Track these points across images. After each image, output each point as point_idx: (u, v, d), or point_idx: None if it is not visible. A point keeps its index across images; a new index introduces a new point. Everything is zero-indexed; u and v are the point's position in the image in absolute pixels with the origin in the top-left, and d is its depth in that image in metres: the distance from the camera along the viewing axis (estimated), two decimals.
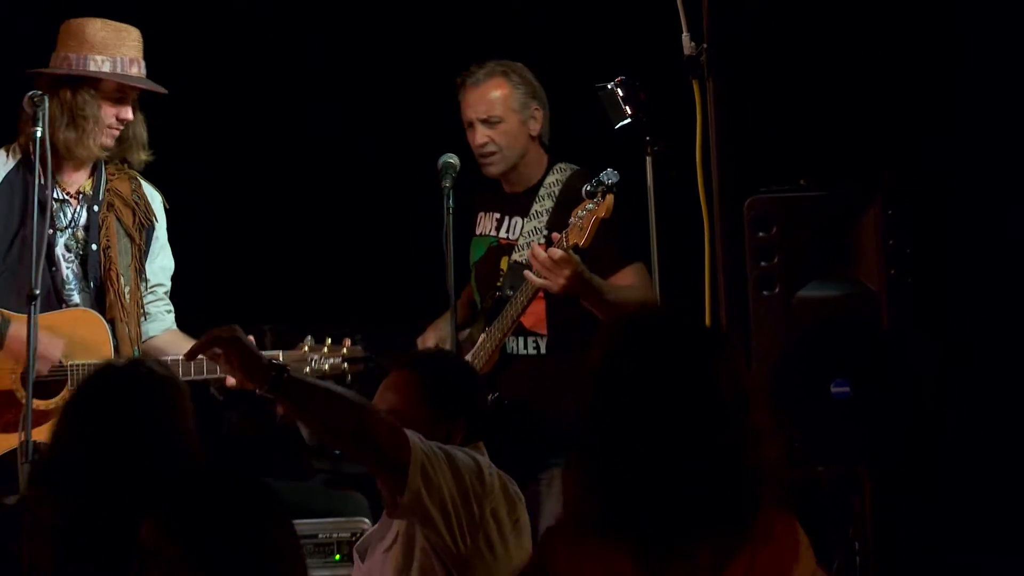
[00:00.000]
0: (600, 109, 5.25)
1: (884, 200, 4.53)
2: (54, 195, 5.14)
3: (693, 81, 4.69)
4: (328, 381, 4.01)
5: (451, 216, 5.31)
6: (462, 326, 5.55)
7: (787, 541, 3.06)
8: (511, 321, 5.38)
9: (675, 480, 2.94)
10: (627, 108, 5.19)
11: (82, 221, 5.17)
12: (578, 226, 5.08)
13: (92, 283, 5.16)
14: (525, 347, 5.47)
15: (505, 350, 5.45)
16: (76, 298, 5.14)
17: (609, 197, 5.02)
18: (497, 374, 5.43)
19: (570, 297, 5.20)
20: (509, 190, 5.61)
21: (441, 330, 5.64)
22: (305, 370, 5.07)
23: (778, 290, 4.57)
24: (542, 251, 5.15)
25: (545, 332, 5.46)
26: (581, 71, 5.64)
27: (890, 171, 4.76)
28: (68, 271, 5.14)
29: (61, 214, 5.16)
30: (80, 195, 5.20)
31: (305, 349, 5.11)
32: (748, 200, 4.61)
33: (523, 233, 5.53)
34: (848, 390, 4.49)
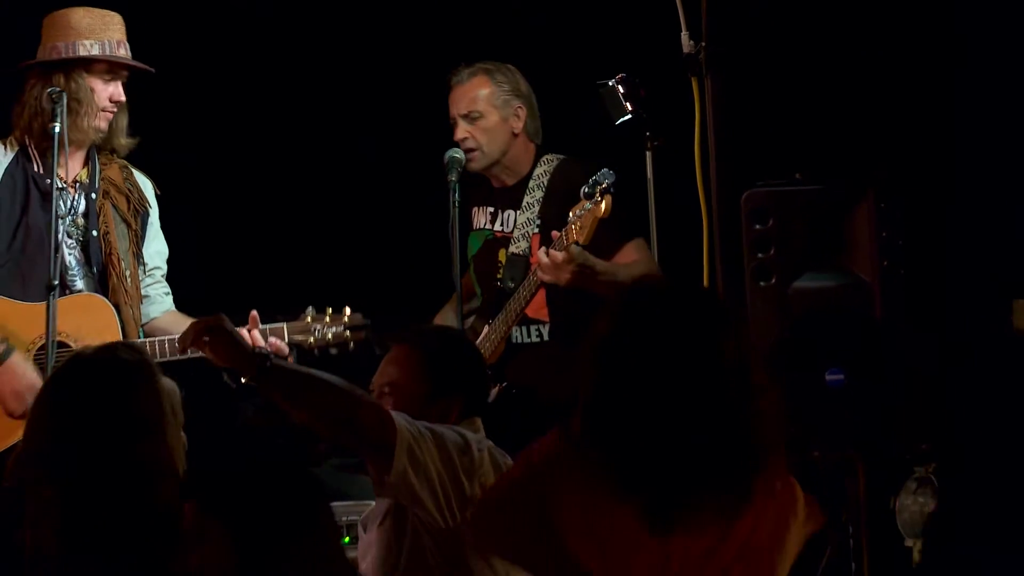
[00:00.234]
0: (601, 106, 5.31)
1: (877, 194, 4.54)
2: (54, 184, 5.15)
3: (692, 78, 4.74)
4: (318, 370, 4.01)
5: (457, 209, 5.36)
6: (464, 317, 5.58)
7: (786, 498, 3.11)
8: (515, 314, 5.43)
9: (680, 442, 2.97)
10: (628, 104, 5.27)
11: (81, 209, 5.18)
12: (577, 225, 5.12)
13: (94, 268, 5.18)
14: (529, 335, 5.54)
15: (509, 340, 5.50)
16: (80, 284, 5.17)
17: (607, 198, 5.06)
18: (503, 364, 5.46)
19: (578, 288, 5.23)
20: (499, 185, 5.66)
21: (444, 321, 5.68)
22: (309, 340, 5.09)
23: (774, 281, 4.58)
24: (545, 256, 5.20)
25: (547, 319, 5.51)
26: (582, 70, 5.69)
27: (883, 166, 4.81)
28: (71, 257, 5.16)
29: (60, 202, 5.16)
30: (77, 183, 5.22)
31: (308, 319, 5.12)
32: (745, 194, 4.62)
33: (517, 225, 5.58)
34: (842, 377, 4.50)
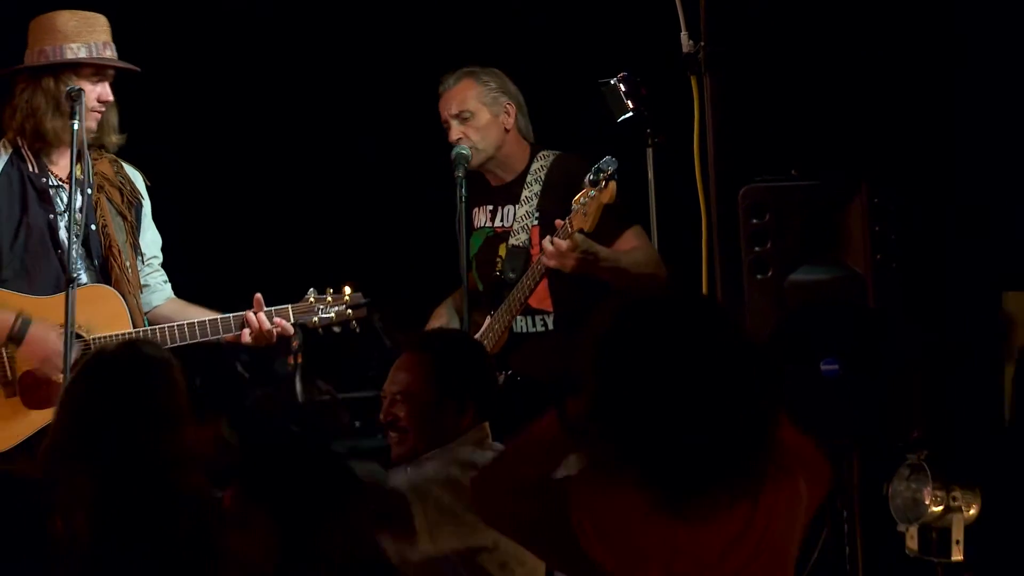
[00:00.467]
0: (603, 104, 5.37)
1: (870, 189, 4.62)
2: (49, 182, 5.25)
3: (691, 77, 4.82)
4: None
5: (464, 204, 5.43)
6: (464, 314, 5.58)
7: (801, 468, 3.21)
8: (519, 304, 5.47)
9: (692, 427, 3.04)
10: (629, 103, 5.32)
11: (78, 204, 5.21)
12: (582, 212, 5.17)
13: (96, 261, 5.24)
14: (533, 325, 5.57)
15: (513, 330, 5.53)
16: (84, 277, 5.20)
17: (612, 184, 5.11)
18: (507, 354, 5.50)
19: (581, 274, 5.29)
20: (497, 183, 5.71)
21: (444, 317, 5.75)
22: (313, 319, 5.19)
23: (771, 274, 4.69)
24: (549, 244, 5.26)
25: (551, 309, 5.54)
26: (582, 70, 5.75)
27: (875, 162, 4.91)
28: (73, 252, 5.15)
29: (58, 199, 5.24)
30: (73, 180, 5.23)
31: (311, 300, 5.22)
32: (743, 189, 4.72)
33: (516, 218, 5.62)
34: (836, 368, 4.58)
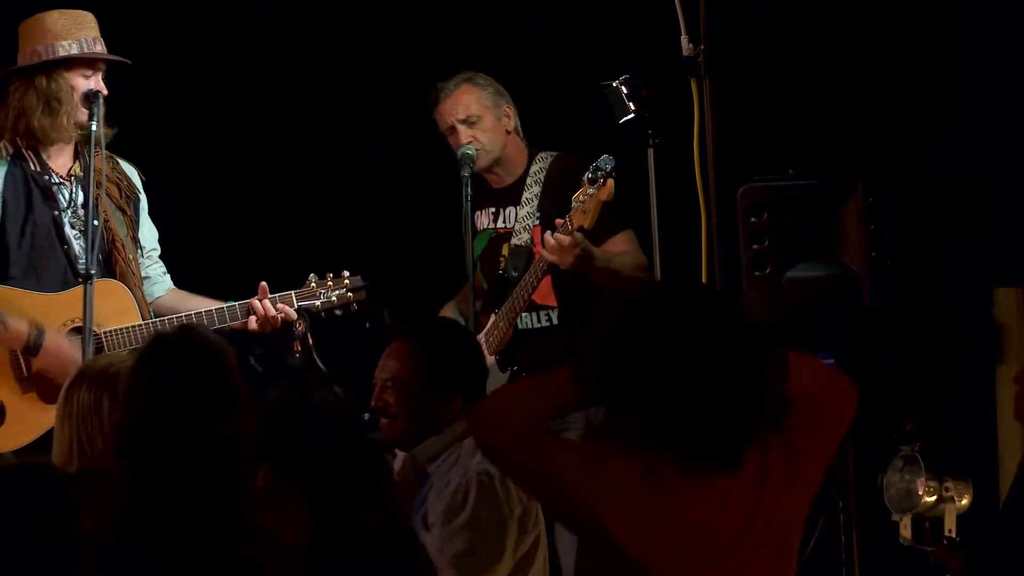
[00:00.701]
0: (605, 105, 5.41)
1: (865, 188, 4.68)
2: (52, 179, 5.32)
3: (691, 80, 4.89)
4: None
5: (470, 203, 5.53)
6: (469, 312, 5.69)
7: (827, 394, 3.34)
8: (523, 301, 5.54)
9: (702, 405, 3.14)
10: (631, 104, 5.35)
11: (79, 200, 5.27)
12: (581, 209, 5.25)
13: (100, 256, 5.28)
14: (537, 320, 5.64)
15: (518, 327, 5.59)
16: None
17: (610, 181, 5.19)
18: (513, 349, 5.58)
19: (577, 272, 5.38)
20: (498, 185, 5.79)
21: (446, 313, 5.82)
22: (316, 303, 5.28)
23: (769, 271, 4.74)
24: (551, 239, 5.35)
25: (555, 304, 5.61)
26: (583, 70, 5.84)
27: (871, 163, 4.96)
28: (77, 247, 5.28)
29: (60, 196, 5.32)
30: (72, 177, 5.34)
31: (312, 285, 5.32)
32: (741, 188, 4.78)
33: (518, 219, 5.69)
34: (832, 363, 4.45)
